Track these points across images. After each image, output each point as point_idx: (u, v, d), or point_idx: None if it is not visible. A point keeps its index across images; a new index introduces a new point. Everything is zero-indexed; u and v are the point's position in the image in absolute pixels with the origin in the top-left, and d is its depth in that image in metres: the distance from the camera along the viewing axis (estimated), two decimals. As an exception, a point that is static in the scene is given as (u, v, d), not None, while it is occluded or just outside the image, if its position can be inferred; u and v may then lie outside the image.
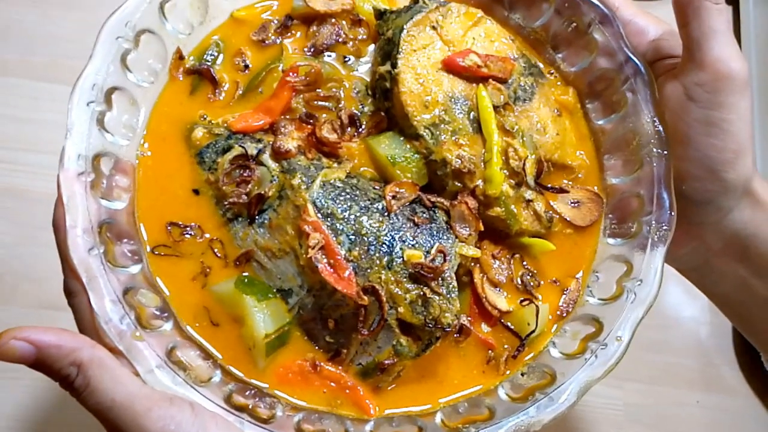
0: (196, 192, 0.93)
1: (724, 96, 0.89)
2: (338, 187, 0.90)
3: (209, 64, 0.98)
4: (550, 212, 0.97)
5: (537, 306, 0.92)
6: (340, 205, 0.88)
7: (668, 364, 1.54)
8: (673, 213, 0.92)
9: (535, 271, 0.96)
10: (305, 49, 1.00)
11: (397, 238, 0.87)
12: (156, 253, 0.90)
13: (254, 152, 0.91)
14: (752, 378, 1.54)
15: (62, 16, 1.63)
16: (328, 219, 0.87)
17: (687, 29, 0.90)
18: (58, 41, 1.60)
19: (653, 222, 0.93)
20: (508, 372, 0.92)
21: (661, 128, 0.94)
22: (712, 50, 0.88)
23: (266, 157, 0.92)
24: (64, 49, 1.57)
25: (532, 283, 0.95)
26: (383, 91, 0.95)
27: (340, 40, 1.00)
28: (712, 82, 0.89)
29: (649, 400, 1.50)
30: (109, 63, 0.89)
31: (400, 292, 0.85)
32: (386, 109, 0.96)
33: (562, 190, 0.98)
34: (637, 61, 0.96)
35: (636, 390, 1.51)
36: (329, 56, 1.00)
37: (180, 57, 0.97)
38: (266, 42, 1.00)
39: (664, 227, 0.92)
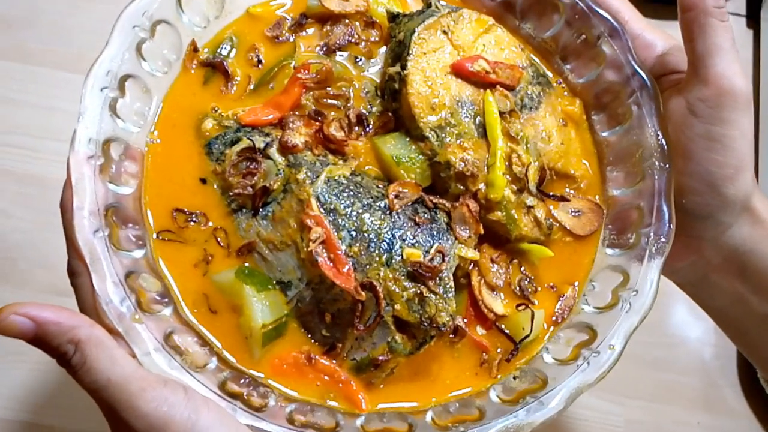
0: (203, 181, 0.94)
1: (727, 112, 0.90)
2: (342, 183, 0.91)
3: (223, 57, 1.00)
4: (551, 220, 0.97)
5: (532, 311, 0.93)
6: (343, 201, 0.89)
7: (671, 383, 1.54)
8: (671, 226, 0.93)
9: (532, 277, 0.97)
10: (317, 48, 1.01)
11: (397, 237, 0.88)
12: (160, 237, 0.91)
13: (262, 145, 0.93)
14: (754, 401, 1.54)
15: (90, 8, 1.65)
16: (331, 214, 0.89)
17: (692, 45, 0.91)
18: (84, 32, 1.62)
19: (652, 234, 0.93)
20: (500, 376, 0.92)
21: (664, 142, 0.95)
22: (716, 66, 0.89)
23: (273, 151, 0.93)
24: (89, 41, 1.54)
25: (529, 289, 0.96)
26: (392, 92, 0.97)
27: (353, 40, 1.02)
28: (714, 98, 0.90)
29: (649, 417, 1.50)
30: (125, 51, 0.90)
31: (397, 290, 0.86)
32: (394, 109, 0.97)
33: (563, 199, 0.98)
34: (643, 75, 0.97)
35: (637, 407, 1.51)
36: (341, 56, 1.01)
37: (194, 49, 0.99)
38: (280, 39, 1.02)
39: (662, 239, 0.92)
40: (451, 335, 0.91)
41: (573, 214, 0.99)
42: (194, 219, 0.92)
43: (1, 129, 1.55)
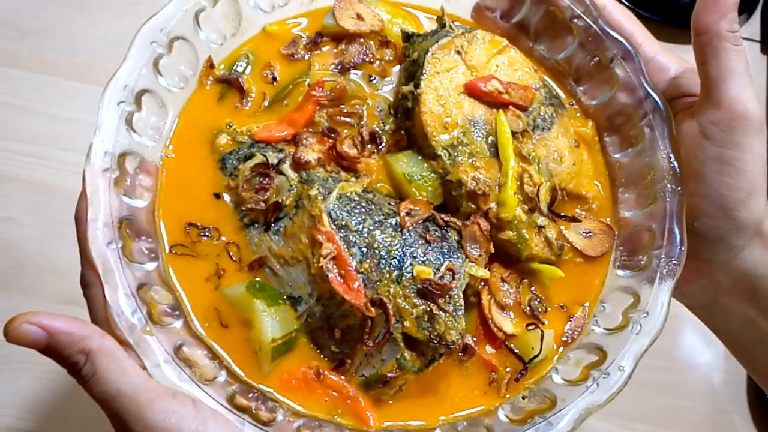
0: (216, 196, 0.95)
1: (739, 136, 0.90)
2: (354, 200, 0.92)
3: (238, 74, 1.01)
4: (561, 240, 0.97)
5: (542, 331, 0.92)
6: (354, 218, 0.90)
7: (679, 408, 1.52)
8: (683, 248, 0.92)
9: (542, 297, 0.97)
10: (332, 66, 1.02)
11: (408, 254, 0.89)
12: (173, 252, 0.92)
13: (275, 161, 0.94)
14: (763, 427, 1.52)
15: (103, 19, 1.68)
16: (342, 230, 0.89)
17: (705, 68, 0.91)
18: (98, 43, 1.64)
19: (663, 256, 0.93)
20: (508, 395, 0.92)
21: (676, 164, 0.95)
22: (729, 90, 0.89)
23: (286, 167, 0.94)
24: (103, 52, 1.60)
25: (539, 309, 0.96)
26: (405, 111, 0.97)
27: (367, 59, 1.02)
28: (727, 121, 0.90)
29: (657, 442, 1.49)
30: (142, 66, 0.92)
31: (407, 307, 0.87)
32: (407, 128, 0.98)
33: (574, 219, 0.98)
34: (656, 98, 0.97)
35: (643, 431, 1.49)
36: (355, 74, 1.02)
37: (211, 65, 1.00)
38: (295, 56, 1.03)
39: (674, 262, 0.92)
40: (460, 353, 0.91)
41: (584, 235, 0.99)
42: (207, 234, 0.93)
43: (11, 137, 1.57)
